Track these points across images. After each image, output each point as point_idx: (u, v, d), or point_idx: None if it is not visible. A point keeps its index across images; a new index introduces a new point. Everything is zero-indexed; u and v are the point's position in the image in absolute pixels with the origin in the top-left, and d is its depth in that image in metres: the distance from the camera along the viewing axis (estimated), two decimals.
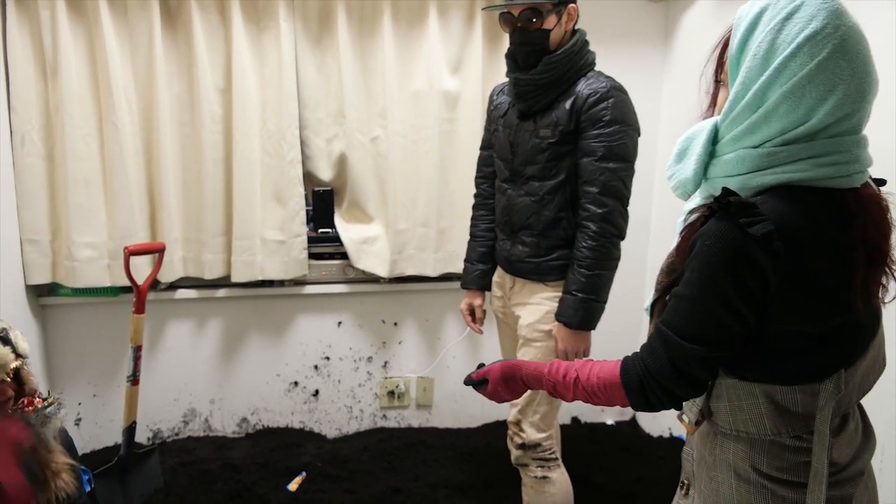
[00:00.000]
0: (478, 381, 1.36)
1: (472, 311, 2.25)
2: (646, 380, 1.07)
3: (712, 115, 1.13)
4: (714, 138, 1.06)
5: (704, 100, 1.17)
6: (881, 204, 1.02)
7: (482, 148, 2.22)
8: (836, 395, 1.01)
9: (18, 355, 1.30)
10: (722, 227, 0.97)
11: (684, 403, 1.17)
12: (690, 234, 1.05)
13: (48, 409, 1.32)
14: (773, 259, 0.95)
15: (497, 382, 1.31)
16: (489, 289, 2.25)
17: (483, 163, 2.22)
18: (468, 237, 2.27)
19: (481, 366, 1.39)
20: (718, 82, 1.12)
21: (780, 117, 0.97)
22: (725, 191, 0.99)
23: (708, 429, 1.14)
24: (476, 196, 2.26)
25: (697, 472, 1.18)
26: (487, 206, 2.22)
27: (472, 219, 2.26)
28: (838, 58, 0.93)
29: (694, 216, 1.08)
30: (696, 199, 1.14)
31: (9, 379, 1.29)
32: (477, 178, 2.25)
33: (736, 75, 1.02)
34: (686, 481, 1.24)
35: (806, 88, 0.94)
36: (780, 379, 1.03)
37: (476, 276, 2.22)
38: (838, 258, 0.97)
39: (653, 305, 1.17)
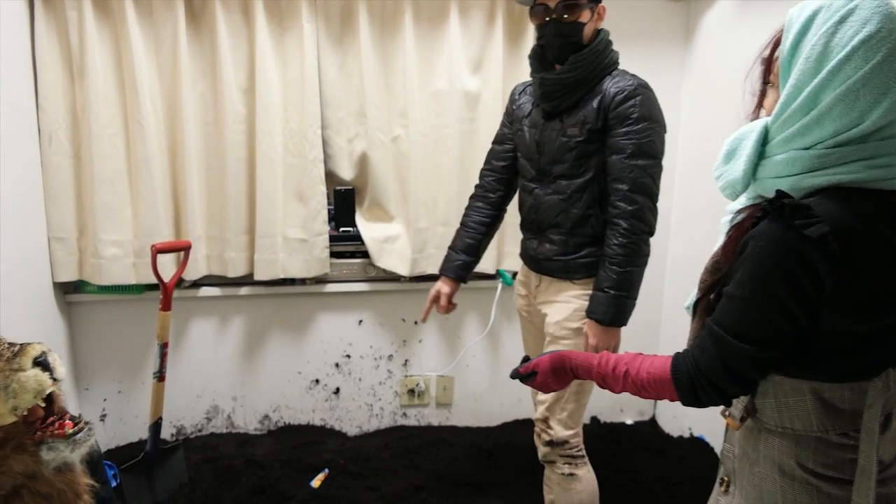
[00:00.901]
0: (525, 374, 1.37)
1: (438, 299, 2.23)
2: (696, 377, 1.09)
3: (758, 118, 1.14)
4: (763, 139, 1.07)
5: (750, 101, 1.17)
6: None
7: (495, 142, 2.23)
8: (885, 393, 1.02)
9: (55, 380, 1.29)
10: (776, 228, 0.98)
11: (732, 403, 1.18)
12: (738, 234, 1.06)
13: (79, 435, 1.32)
14: (828, 260, 0.96)
15: (547, 374, 1.32)
16: (465, 281, 2.25)
17: (494, 156, 2.22)
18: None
19: (526, 359, 1.40)
20: (767, 84, 1.13)
21: (834, 119, 0.98)
22: (779, 193, 1.00)
23: (752, 425, 1.15)
24: (478, 187, 2.26)
25: (739, 469, 1.18)
26: (487, 200, 2.22)
27: (467, 208, 2.26)
28: (893, 61, 0.95)
29: (742, 216, 1.09)
30: (742, 200, 1.15)
31: (42, 403, 1.30)
32: (484, 169, 2.25)
33: (787, 77, 1.03)
34: (726, 478, 1.24)
35: (860, 91, 0.95)
36: (829, 376, 1.03)
37: (456, 266, 2.21)
38: (891, 259, 0.99)
39: (696, 304, 1.17)
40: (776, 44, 1.09)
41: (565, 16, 1.85)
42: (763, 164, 1.07)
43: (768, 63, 1.12)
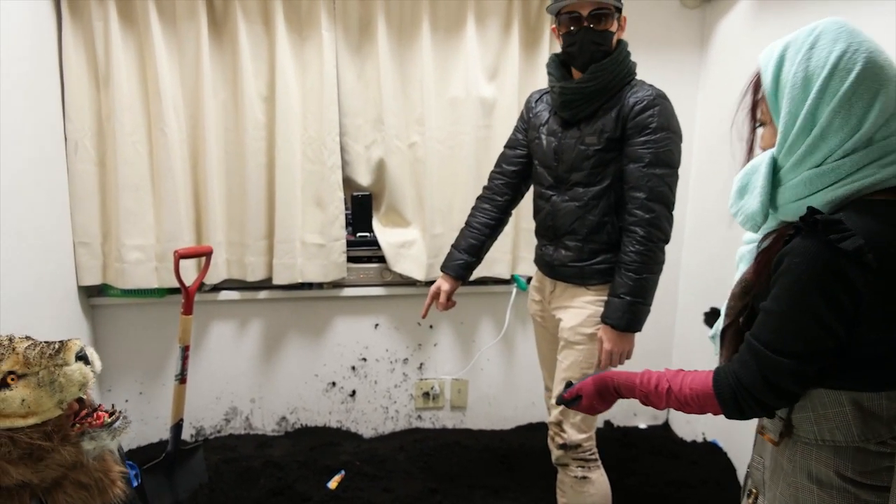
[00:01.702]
0: (570, 399, 1.41)
1: (438, 295, 2.26)
2: (739, 392, 1.12)
3: (752, 159, 1.18)
4: (773, 170, 1.12)
5: (740, 147, 1.23)
6: None
7: (507, 147, 2.26)
8: None
9: (94, 373, 1.36)
10: (810, 244, 1.01)
11: (765, 419, 1.19)
12: (769, 256, 1.10)
13: (117, 424, 1.38)
14: (865, 272, 0.99)
15: (591, 396, 1.36)
16: (465, 281, 2.28)
17: (504, 160, 2.25)
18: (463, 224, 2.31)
19: (569, 385, 1.43)
20: (757, 124, 1.19)
21: (836, 132, 1.04)
22: (810, 209, 1.03)
23: (786, 438, 1.16)
24: (486, 189, 2.29)
25: (771, 481, 1.20)
26: (494, 202, 2.25)
27: (474, 209, 2.29)
28: (870, 67, 1.03)
29: (768, 241, 1.12)
30: (763, 230, 1.19)
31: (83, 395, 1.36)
32: (494, 172, 2.28)
33: (778, 109, 1.10)
34: (754, 490, 1.25)
35: (852, 100, 1.02)
36: (869, 385, 1.06)
37: (457, 265, 2.25)
38: None
39: (724, 330, 1.21)
40: (755, 87, 1.16)
41: (595, 24, 1.88)
42: (780, 191, 1.12)
43: (754, 105, 1.18)
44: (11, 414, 1.26)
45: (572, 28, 1.91)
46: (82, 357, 1.33)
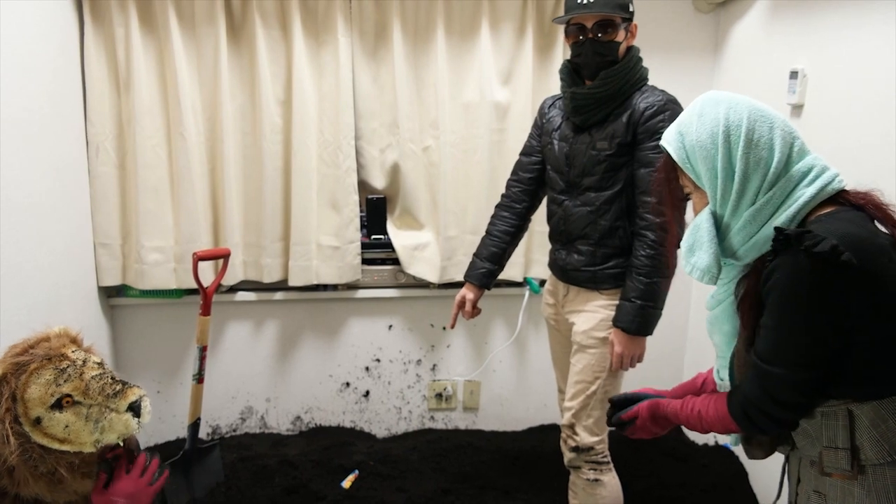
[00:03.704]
0: (625, 421, 1.48)
1: (463, 304, 2.29)
2: (747, 407, 1.18)
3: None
4: (715, 223, 1.22)
5: (678, 221, 1.44)
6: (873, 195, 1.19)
7: (523, 154, 2.28)
8: None
9: (140, 424, 1.37)
10: (789, 258, 1.08)
11: (827, 456, 1.16)
12: (749, 302, 1.18)
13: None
14: (846, 270, 1.04)
15: (646, 419, 1.44)
16: (489, 288, 2.31)
17: (521, 167, 2.27)
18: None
19: (613, 405, 1.54)
20: (686, 198, 1.33)
21: (754, 170, 1.16)
22: (777, 230, 1.11)
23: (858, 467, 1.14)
24: (504, 197, 2.31)
25: None
26: (512, 210, 2.27)
27: (493, 217, 2.32)
28: (755, 111, 1.19)
29: (743, 287, 1.21)
30: (717, 287, 1.28)
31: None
32: (511, 180, 2.30)
33: (698, 172, 1.22)
34: None
35: (753, 140, 1.17)
36: None
37: (480, 273, 2.27)
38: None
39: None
40: (666, 169, 1.31)
41: (600, 35, 1.90)
42: (730, 239, 1.21)
43: (671, 186, 1.32)
44: (51, 435, 1.28)
45: (580, 38, 1.93)
46: (134, 408, 1.34)
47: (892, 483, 1.11)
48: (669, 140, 1.27)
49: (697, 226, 1.25)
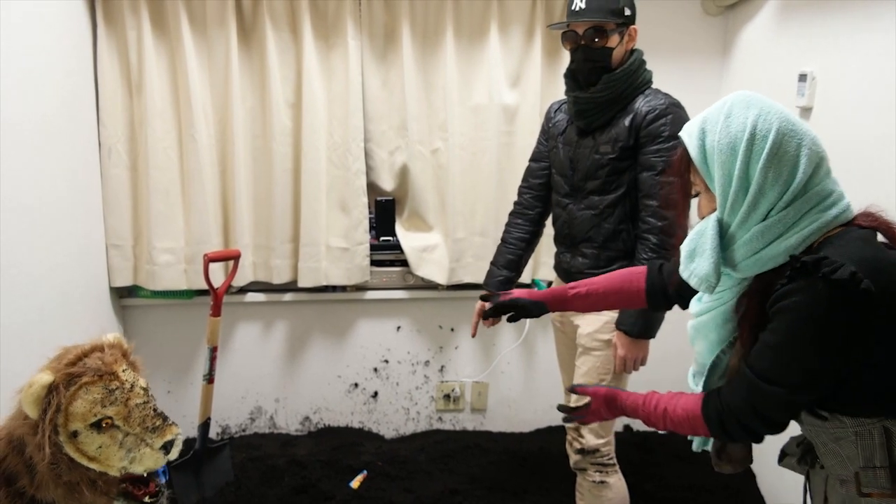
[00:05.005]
0: (578, 407, 1.46)
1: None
2: (724, 415, 1.16)
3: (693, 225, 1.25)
4: (720, 231, 1.17)
5: (681, 219, 1.37)
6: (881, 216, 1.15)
7: (532, 160, 2.29)
8: None
9: (168, 461, 1.38)
10: (807, 283, 1.05)
11: (865, 475, 1.14)
12: (750, 322, 1.16)
13: (152, 501, 1.42)
14: (866, 297, 1.02)
15: (600, 406, 1.41)
16: None
17: (531, 174, 2.28)
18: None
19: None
20: (694, 195, 1.27)
21: (771, 186, 1.10)
22: (792, 258, 1.09)
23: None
24: (516, 204, 2.32)
25: None
26: (526, 216, 2.28)
27: (507, 224, 2.33)
28: (786, 124, 1.12)
29: (743, 307, 1.18)
30: (720, 290, 1.23)
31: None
32: (521, 187, 2.32)
33: (711, 175, 1.16)
34: None
35: (777, 155, 1.10)
36: None
37: (498, 282, 2.28)
38: None
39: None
40: (680, 163, 1.24)
41: (596, 39, 1.91)
42: (733, 250, 1.17)
43: (683, 181, 1.26)
44: (83, 451, 1.29)
45: (575, 45, 1.95)
46: (167, 447, 1.34)
47: None
48: (690, 134, 1.20)
49: (701, 231, 1.20)
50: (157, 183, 2.66)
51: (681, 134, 1.23)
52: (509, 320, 1.64)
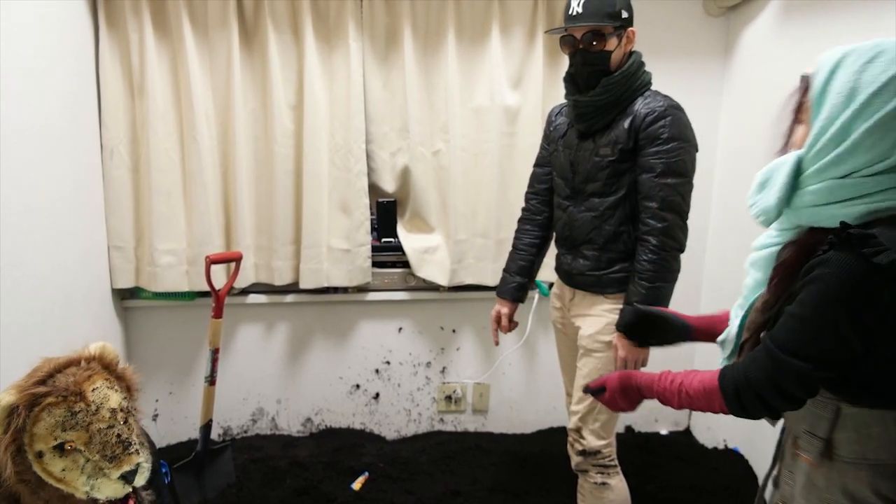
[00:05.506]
0: (596, 389, 1.45)
1: (499, 320, 2.32)
2: (742, 388, 1.14)
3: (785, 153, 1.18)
4: (797, 171, 1.12)
5: (778, 141, 1.23)
6: None
7: (536, 165, 2.30)
8: None
9: (133, 487, 1.36)
10: (843, 257, 1.02)
11: (803, 438, 1.18)
12: (785, 273, 1.11)
13: None
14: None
15: (615, 390, 1.40)
16: (522, 301, 2.32)
17: (536, 179, 2.29)
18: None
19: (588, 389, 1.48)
20: (797, 122, 1.18)
21: (866, 150, 1.04)
22: (843, 224, 1.04)
23: (826, 460, 1.16)
24: (524, 210, 2.33)
25: (801, 497, 1.20)
26: (534, 222, 2.28)
27: (517, 231, 2.33)
28: None
29: (786, 253, 1.14)
30: (771, 232, 1.20)
31: None
32: (528, 193, 2.32)
33: (818, 113, 1.09)
34: (781, 502, 1.26)
35: (890, 124, 1.02)
36: None
37: (511, 288, 2.29)
38: None
39: (742, 344, 1.22)
40: (806, 88, 1.14)
41: (594, 43, 1.91)
42: (799, 193, 1.12)
43: (799, 104, 1.17)
44: (49, 472, 1.29)
45: (573, 49, 1.95)
46: (126, 477, 1.32)
47: (852, 483, 1.11)
48: (824, 63, 1.09)
49: (779, 165, 1.15)
50: (159, 184, 2.67)
51: (819, 57, 1.11)
52: (641, 343, 1.57)
